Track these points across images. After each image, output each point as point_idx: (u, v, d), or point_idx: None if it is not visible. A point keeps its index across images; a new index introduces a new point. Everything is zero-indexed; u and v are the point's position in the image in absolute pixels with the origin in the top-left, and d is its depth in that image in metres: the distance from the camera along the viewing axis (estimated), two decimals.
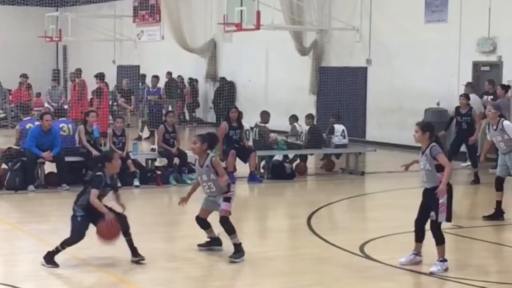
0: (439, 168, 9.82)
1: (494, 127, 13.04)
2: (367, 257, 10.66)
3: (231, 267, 10.11)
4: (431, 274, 9.75)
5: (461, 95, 18.30)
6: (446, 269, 9.82)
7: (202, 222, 10.62)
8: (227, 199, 10.37)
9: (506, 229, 13.02)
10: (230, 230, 10.33)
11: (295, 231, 12.94)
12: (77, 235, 9.97)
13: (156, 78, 26.03)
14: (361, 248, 11.09)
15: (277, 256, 10.96)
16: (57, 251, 9.94)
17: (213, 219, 10.65)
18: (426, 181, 9.97)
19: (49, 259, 9.92)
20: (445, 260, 9.88)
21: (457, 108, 18.15)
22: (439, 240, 9.94)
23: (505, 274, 10.09)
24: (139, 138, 24.89)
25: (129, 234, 10.12)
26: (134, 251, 10.13)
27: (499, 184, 13.32)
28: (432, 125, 10.32)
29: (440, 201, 9.80)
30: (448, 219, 9.96)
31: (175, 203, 15.87)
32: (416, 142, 10.19)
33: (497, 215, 13.26)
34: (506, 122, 13.02)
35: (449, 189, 9.90)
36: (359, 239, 11.61)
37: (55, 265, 9.84)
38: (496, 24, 21.65)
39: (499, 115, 13.08)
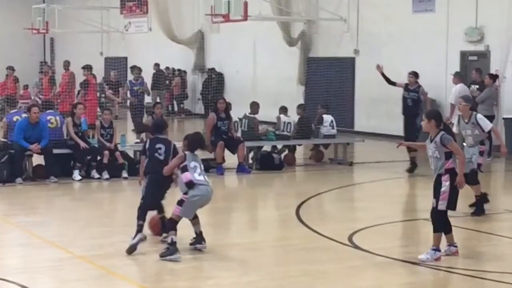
0: (446, 155, 9.85)
1: (466, 120, 12.81)
2: (356, 247, 10.66)
3: (220, 258, 10.09)
4: (420, 261, 9.76)
5: (409, 73, 17.71)
6: (437, 259, 9.81)
7: None
8: (179, 203, 10.07)
9: (494, 218, 13.05)
10: (169, 228, 10.12)
11: (284, 221, 12.93)
12: None
13: (138, 69, 25.63)
14: (350, 238, 11.09)
15: (266, 246, 10.95)
16: None
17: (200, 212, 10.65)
18: (433, 168, 9.99)
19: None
20: (437, 250, 9.88)
21: (406, 85, 17.59)
22: (436, 228, 9.95)
23: (494, 262, 10.09)
24: None
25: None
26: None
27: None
28: (437, 112, 10.34)
29: (442, 189, 9.82)
30: (451, 207, 9.94)
31: None
32: (424, 131, 10.21)
33: (482, 200, 13.18)
34: (479, 116, 12.83)
35: (455, 177, 9.90)
36: (347, 229, 11.62)
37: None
38: (484, 14, 21.68)
39: (471, 108, 12.93)
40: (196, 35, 32.45)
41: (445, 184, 9.83)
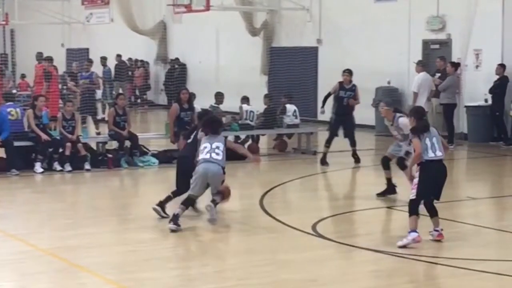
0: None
1: (390, 123, 12.87)
2: (320, 236, 10.67)
3: (185, 248, 10.07)
4: (398, 247, 9.85)
5: (344, 71, 17.41)
6: (415, 239, 9.87)
7: None
8: None
9: (457, 205, 13.13)
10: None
11: (248, 211, 12.89)
12: None
13: (90, 62, 25.17)
14: (314, 227, 11.10)
15: (230, 236, 10.94)
16: None
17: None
18: None
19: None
20: (412, 231, 9.93)
21: (341, 83, 17.29)
22: (409, 213, 10.06)
23: (457, 249, 10.13)
24: (102, 120, 24.18)
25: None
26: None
27: (385, 164, 13.14)
28: (419, 110, 10.55)
29: (414, 180, 10.05)
30: (422, 197, 10.04)
31: (126, 186, 15.82)
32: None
33: (390, 191, 13.25)
34: (401, 120, 12.63)
35: (437, 168, 10.05)
36: (311, 218, 11.62)
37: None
38: (445, 2, 21.79)
39: (394, 110, 12.91)
40: (158, 26, 32.26)
41: (416, 175, 10.08)
